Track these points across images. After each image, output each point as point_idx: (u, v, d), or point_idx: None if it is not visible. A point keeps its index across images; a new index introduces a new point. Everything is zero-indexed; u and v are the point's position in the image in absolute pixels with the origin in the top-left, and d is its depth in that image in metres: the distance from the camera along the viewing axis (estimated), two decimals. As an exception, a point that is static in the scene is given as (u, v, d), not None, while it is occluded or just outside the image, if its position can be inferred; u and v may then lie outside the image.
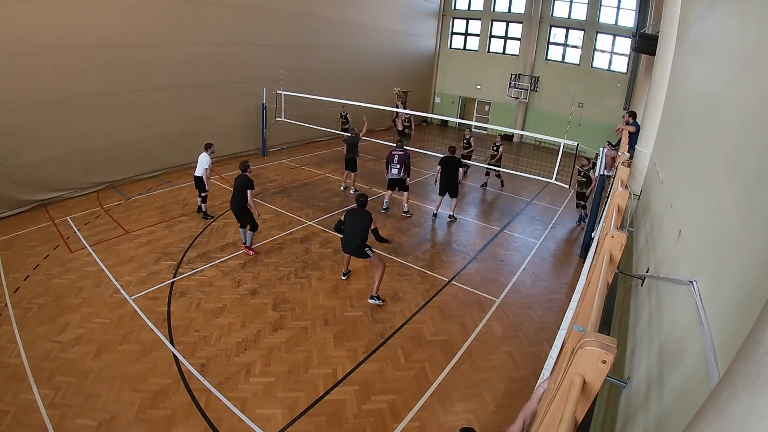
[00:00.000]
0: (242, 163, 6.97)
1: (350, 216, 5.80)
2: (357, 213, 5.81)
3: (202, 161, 8.08)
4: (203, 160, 8.08)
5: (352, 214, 5.81)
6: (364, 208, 5.83)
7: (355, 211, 5.83)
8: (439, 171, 8.83)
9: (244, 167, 6.87)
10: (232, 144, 12.61)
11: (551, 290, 6.85)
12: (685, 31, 5.10)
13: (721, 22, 3.18)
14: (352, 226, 5.75)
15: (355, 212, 5.82)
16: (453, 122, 21.37)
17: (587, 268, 3.32)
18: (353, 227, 5.74)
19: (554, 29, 19.03)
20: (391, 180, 8.95)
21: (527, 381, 4.72)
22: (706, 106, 3.14)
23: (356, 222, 5.73)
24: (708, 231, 2.22)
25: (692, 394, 1.57)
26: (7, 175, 7.91)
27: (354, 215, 5.79)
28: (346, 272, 6.62)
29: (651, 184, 5.31)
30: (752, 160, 1.80)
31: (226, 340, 5.10)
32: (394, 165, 8.68)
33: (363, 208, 5.83)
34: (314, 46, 14.65)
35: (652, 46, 7.17)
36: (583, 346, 1.28)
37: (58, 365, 4.53)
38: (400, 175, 8.73)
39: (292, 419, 4.08)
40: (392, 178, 8.84)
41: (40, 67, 8.03)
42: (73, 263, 6.56)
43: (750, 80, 2.15)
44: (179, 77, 10.66)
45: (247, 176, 6.77)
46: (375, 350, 5.10)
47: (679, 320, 2.16)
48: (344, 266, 6.65)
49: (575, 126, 16.86)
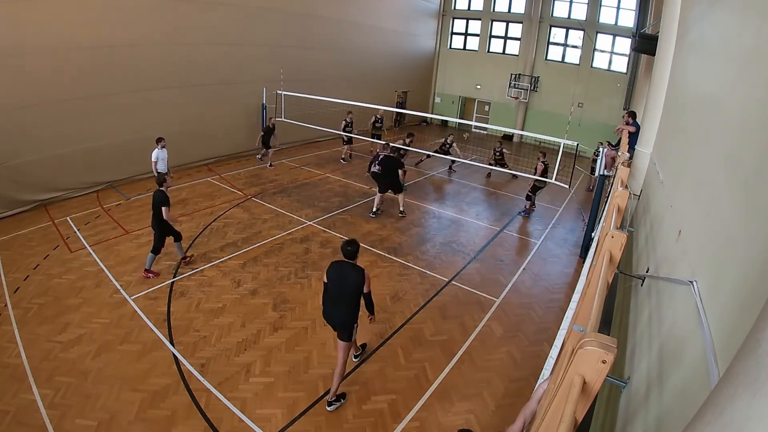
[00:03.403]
0: (158, 176, 6.50)
1: (337, 271, 4.02)
2: (346, 267, 4.01)
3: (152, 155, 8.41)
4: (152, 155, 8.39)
5: (340, 268, 4.02)
6: (354, 260, 4.06)
7: (343, 265, 4.03)
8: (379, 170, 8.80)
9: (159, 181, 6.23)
10: (232, 144, 12.62)
11: (551, 290, 6.85)
12: (685, 31, 5.10)
13: (720, 22, 3.18)
14: (340, 287, 3.99)
15: (342, 266, 4.03)
16: (453, 122, 21.37)
17: (587, 268, 3.32)
18: (342, 288, 3.98)
19: (554, 29, 19.03)
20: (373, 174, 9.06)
21: (527, 381, 4.72)
22: (706, 106, 3.14)
23: (347, 281, 3.97)
24: (708, 231, 2.22)
25: (692, 394, 1.57)
26: (7, 175, 7.91)
27: (342, 270, 4.01)
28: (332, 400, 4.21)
29: (651, 184, 5.31)
30: (752, 160, 1.80)
31: (226, 340, 5.10)
32: (375, 165, 8.96)
33: (353, 259, 4.04)
34: (314, 46, 14.65)
35: (652, 46, 7.18)
36: (583, 346, 1.28)
37: (58, 365, 4.53)
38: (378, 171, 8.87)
39: (292, 419, 4.08)
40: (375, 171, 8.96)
41: (41, 67, 8.03)
42: (73, 263, 6.56)
43: (750, 80, 2.15)
44: (179, 77, 10.66)
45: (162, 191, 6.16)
46: (375, 350, 5.10)
47: (679, 320, 2.16)
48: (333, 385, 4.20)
49: (575, 126, 16.87)
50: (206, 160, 11.89)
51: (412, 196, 10.69)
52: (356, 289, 3.97)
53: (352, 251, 4.00)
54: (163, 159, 8.47)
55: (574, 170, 9.40)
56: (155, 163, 8.38)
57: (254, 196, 9.82)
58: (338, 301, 4.03)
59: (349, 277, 3.97)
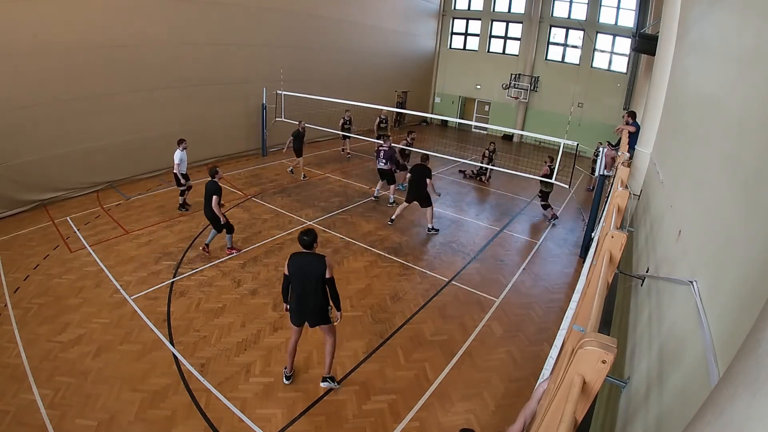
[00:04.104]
0: (211, 168, 6.81)
1: (297, 263, 4.01)
2: (307, 257, 4.02)
3: (174, 157, 8.27)
4: (174, 157, 8.25)
5: (300, 259, 4.02)
6: (312, 249, 4.06)
7: (304, 256, 4.03)
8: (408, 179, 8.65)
9: (212, 173, 6.69)
10: (232, 144, 12.62)
11: (551, 290, 6.84)
12: (685, 31, 5.10)
13: (720, 22, 3.18)
14: (302, 278, 3.99)
15: (303, 256, 4.03)
16: (453, 122, 21.36)
17: (587, 268, 3.32)
18: (305, 279, 3.99)
19: (554, 29, 19.03)
20: (379, 170, 9.81)
21: (527, 381, 4.72)
22: (706, 106, 3.14)
23: (308, 271, 3.97)
24: (708, 231, 2.22)
25: (692, 394, 1.57)
26: (7, 175, 7.91)
27: (303, 261, 4.01)
28: (291, 374, 4.48)
29: (651, 184, 5.31)
30: (752, 160, 1.80)
31: (226, 340, 5.10)
32: (380, 159, 9.65)
33: (311, 248, 4.05)
34: (314, 46, 14.65)
35: (652, 46, 7.18)
36: (583, 346, 1.28)
37: (58, 365, 4.53)
38: (386, 167, 9.64)
39: (292, 419, 4.08)
40: (381, 168, 9.73)
41: (40, 67, 8.02)
42: (73, 263, 6.56)
43: (750, 80, 2.15)
44: (179, 77, 10.66)
45: (215, 182, 6.59)
46: (375, 350, 5.10)
47: (679, 320, 2.16)
48: (288, 359, 4.43)
49: (575, 126, 16.88)
50: (206, 160, 11.88)
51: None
52: (320, 278, 3.98)
53: (308, 241, 4.02)
54: (184, 161, 8.36)
55: (574, 170, 9.41)
56: (178, 165, 8.26)
57: (254, 196, 9.82)
58: (304, 293, 4.05)
59: (311, 266, 3.98)
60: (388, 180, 9.90)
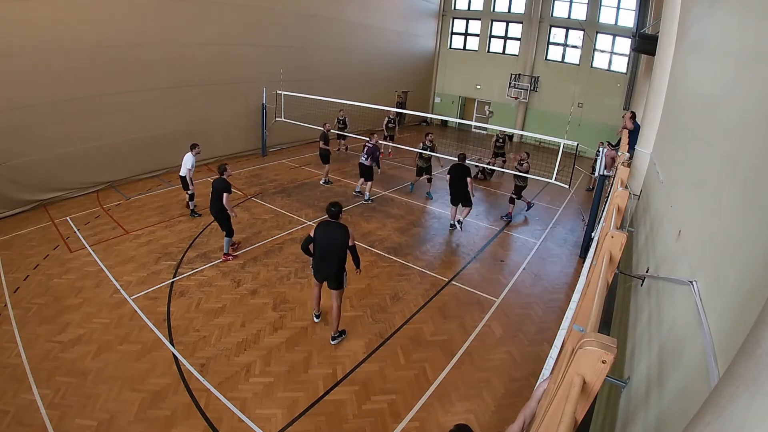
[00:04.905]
0: (220, 165, 6.81)
1: (323, 231, 4.70)
2: (332, 226, 4.70)
3: (185, 161, 8.15)
4: (187, 161, 8.14)
5: (326, 227, 4.71)
6: (338, 219, 4.78)
7: (329, 224, 4.72)
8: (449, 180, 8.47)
9: (221, 170, 6.69)
10: (232, 144, 12.62)
11: (551, 290, 6.84)
12: (685, 31, 5.10)
13: (720, 22, 3.18)
14: (327, 244, 4.68)
15: (328, 225, 4.72)
16: (453, 122, 21.35)
17: (587, 268, 3.32)
18: (329, 245, 4.68)
19: (554, 29, 19.03)
20: (360, 165, 9.86)
21: (527, 381, 4.72)
22: (706, 106, 3.14)
23: (333, 238, 4.67)
24: (708, 231, 2.22)
25: (692, 394, 1.57)
26: (7, 175, 7.91)
27: (328, 229, 4.70)
28: (319, 313, 5.45)
29: (651, 184, 5.31)
30: (752, 160, 1.80)
31: (226, 340, 5.10)
32: (363, 154, 9.71)
33: (337, 219, 4.77)
34: (314, 46, 14.65)
35: (652, 46, 7.17)
36: (583, 346, 1.28)
37: (57, 365, 4.53)
38: (367, 162, 9.68)
39: (292, 419, 4.08)
40: (362, 163, 9.78)
41: (40, 67, 8.02)
42: (73, 263, 6.56)
43: (750, 80, 2.15)
44: (179, 77, 10.66)
45: (224, 179, 6.59)
46: (375, 350, 5.10)
47: (679, 320, 2.16)
48: (315, 305, 5.35)
49: (575, 126, 16.87)
50: (206, 160, 11.88)
51: (412, 195, 10.71)
52: (342, 245, 4.67)
53: (335, 212, 4.71)
54: (193, 165, 8.23)
55: (574, 170, 9.41)
56: (190, 170, 8.12)
57: (254, 196, 9.82)
58: (326, 257, 4.73)
59: (335, 234, 4.66)
60: (366, 177, 9.86)
